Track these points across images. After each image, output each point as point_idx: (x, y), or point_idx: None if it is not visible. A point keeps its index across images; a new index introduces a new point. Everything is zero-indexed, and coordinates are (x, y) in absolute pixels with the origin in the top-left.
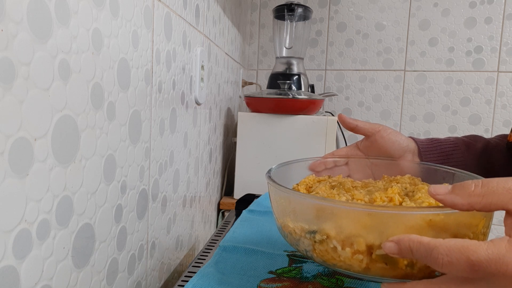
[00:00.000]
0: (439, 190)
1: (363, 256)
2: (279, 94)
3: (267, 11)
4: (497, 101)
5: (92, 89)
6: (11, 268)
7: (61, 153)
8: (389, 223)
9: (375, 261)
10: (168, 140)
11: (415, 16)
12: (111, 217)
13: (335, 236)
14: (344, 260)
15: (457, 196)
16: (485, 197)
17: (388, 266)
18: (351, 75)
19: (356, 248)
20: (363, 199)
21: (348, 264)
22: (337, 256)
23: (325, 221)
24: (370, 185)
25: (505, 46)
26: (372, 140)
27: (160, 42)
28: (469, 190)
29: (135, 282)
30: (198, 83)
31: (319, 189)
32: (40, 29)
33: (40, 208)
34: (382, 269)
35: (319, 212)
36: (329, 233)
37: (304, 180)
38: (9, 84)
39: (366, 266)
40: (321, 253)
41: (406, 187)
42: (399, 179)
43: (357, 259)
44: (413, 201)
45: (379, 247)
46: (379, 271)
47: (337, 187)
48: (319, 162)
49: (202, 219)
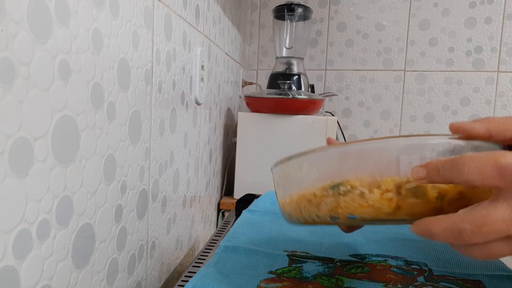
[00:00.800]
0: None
1: (392, 193)
2: (279, 94)
3: (267, 11)
4: (497, 101)
5: (92, 89)
6: (11, 268)
7: (61, 153)
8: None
9: (405, 197)
10: (168, 140)
11: (415, 16)
12: (111, 217)
13: (360, 183)
14: (373, 203)
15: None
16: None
17: (418, 199)
18: (351, 75)
19: (384, 188)
20: None
21: (377, 207)
22: (365, 202)
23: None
24: None
25: (505, 46)
26: None
27: (160, 42)
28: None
29: (135, 282)
30: (198, 83)
31: None
32: (40, 29)
33: (40, 208)
34: (412, 204)
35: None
36: (354, 183)
37: None
38: (9, 84)
39: (396, 204)
40: (346, 205)
41: None
42: None
43: (387, 198)
44: None
45: (407, 182)
46: (409, 208)
47: None
48: None
49: (202, 219)
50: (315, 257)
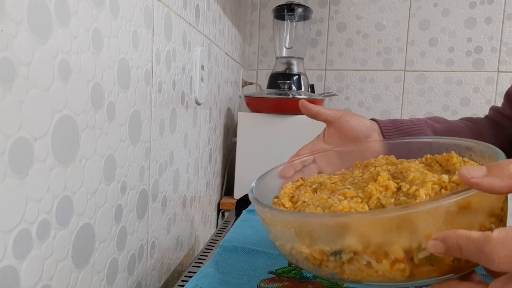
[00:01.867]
0: (474, 173)
1: (404, 264)
2: (279, 94)
3: (267, 11)
4: (497, 101)
5: (92, 89)
6: (11, 268)
7: (61, 153)
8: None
9: (419, 265)
10: (168, 140)
11: (415, 16)
12: (111, 217)
13: (364, 250)
14: (383, 273)
15: (496, 178)
16: None
17: (434, 266)
18: (351, 75)
19: (394, 257)
20: (357, 195)
21: (389, 278)
22: (373, 272)
23: (347, 235)
24: (347, 176)
25: (505, 46)
26: (336, 126)
27: (160, 42)
28: (508, 171)
29: (135, 282)
30: (198, 83)
31: (304, 197)
32: (40, 29)
33: (40, 208)
34: (428, 271)
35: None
36: (357, 249)
37: (284, 192)
38: (9, 84)
39: (410, 273)
40: (353, 273)
41: (388, 168)
42: (373, 162)
43: (399, 269)
44: (410, 183)
45: (419, 249)
46: (425, 275)
47: (319, 188)
48: (287, 167)
49: (202, 219)
50: None
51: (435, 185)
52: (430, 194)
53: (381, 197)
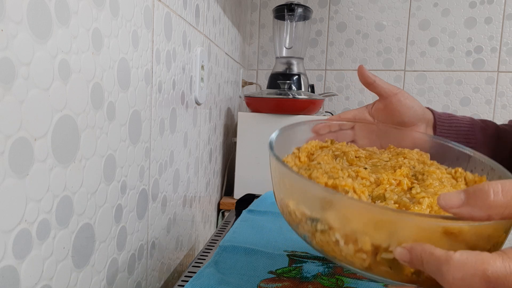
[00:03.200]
0: (452, 202)
1: (367, 256)
2: (279, 94)
3: (267, 11)
4: (497, 101)
5: (92, 89)
6: (11, 268)
7: (61, 153)
8: (402, 226)
9: (379, 263)
10: (168, 140)
11: (415, 16)
12: (111, 217)
13: (338, 228)
14: (345, 256)
15: (475, 208)
16: (509, 207)
17: (393, 270)
18: (351, 75)
19: (360, 246)
20: (368, 178)
21: (349, 261)
22: (338, 250)
23: (329, 210)
24: (374, 156)
25: (505, 46)
26: (387, 102)
27: (160, 42)
28: (488, 201)
29: (135, 282)
30: (198, 83)
31: (321, 158)
32: (40, 29)
33: (40, 208)
34: (385, 272)
35: (323, 201)
36: (333, 225)
37: (306, 146)
38: (9, 84)
39: (369, 266)
40: (321, 243)
41: (414, 165)
42: (406, 153)
43: (360, 258)
44: (423, 188)
45: (385, 250)
46: (382, 274)
47: (340, 157)
48: (324, 125)
49: (202, 219)
50: (315, 257)
51: None
52: (433, 207)
53: (388, 189)
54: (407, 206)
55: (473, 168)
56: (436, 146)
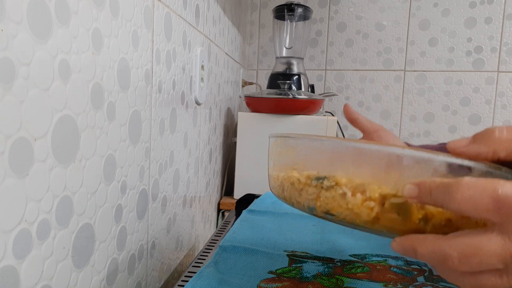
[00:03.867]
0: (459, 143)
1: (375, 203)
2: (279, 94)
3: (267, 11)
4: (497, 101)
5: (92, 89)
6: (11, 268)
7: (61, 153)
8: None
9: (387, 210)
10: (168, 140)
11: (415, 16)
12: (111, 217)
13: (345, 183)
14: (352, 207)
15: (481, 144)
16: None
17: (400, 217)
18: (351, 75)
19: (368, 195)
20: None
21: (355, 213)
22: (344, 204)
23: (338, 167)
24: None
25: (505, 46)
26: (369, 139)
27: (160, 42)
28: (493, 136)
29: (135, 282)
30: (198, 83)
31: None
32: (40, 29)
33: (40, 208)
34: (392, 220)
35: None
36: (340, 180)
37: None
38: (9, 84)
39: (376, 215)
40: (326, 201)
41: None
42: None
43: (367, 207)
44: None
45: (394, 196)
46: (389, 223)
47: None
48: None
49: (202, 219)
50: (315, 257)
51: None
52: None
53: None
54: None
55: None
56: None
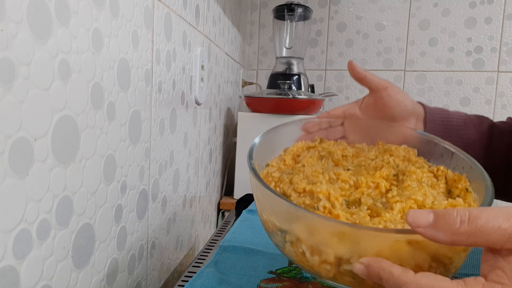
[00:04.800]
0: (419, 221)
1: (331, 267)
2: (279, 94)
3: (267, 11)
4: (497, 101)
5: (92, 89)
6: (11, 268)
7: (61, 153)
8: (360, 239)
9: (343, 274)
10: (168, 140)
11: (415, 16)
12: (111, 217)
13: (304, 240)
14: (312, 266)
15: (440, 232)
16: (471, 236)
17: (356, 281)
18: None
19: (324, 258)
20: (348, 181)
21: (315, 271)
22: (305, 261)
23: (295, 223)
24: (361, 154)
25: (505, 46)
26: (377, 96)
27: (160, 42)
28: (453, 228)
29: (135, 282)
30: (198, 83)
31: (306, 160)
32: (40, 29)
33: (40, 208)
34: (349, 282)
35: (290, 213)
36: (300, 236)
37: (292, 149)
38: (9, 84)
39: (333, 276)
40: (290, 253)
41: (398, 164)
42: (393, 150)
43: (324, 269)
44: (400, 191)
45: (347, 262)
46: (347, 283)
47: (325, 157)
48: (312, 123)
49: (202, 219)
50: None
51: (414, 204)
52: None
53: (365, 193)
54: (378, 212)
55: (456, 165)
56: (423, 141)
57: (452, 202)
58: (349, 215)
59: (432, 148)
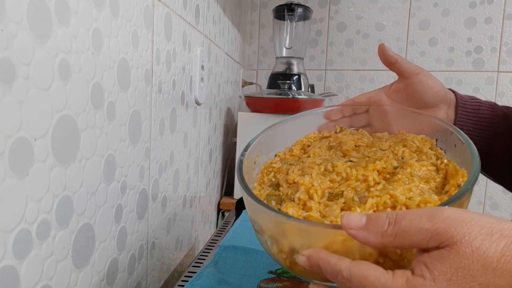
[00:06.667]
0: (351, 224)
1: (286, 256)
2: (279, 94)
3: (267, 11)
4: (497, 101)
5: (92, 89)
6: (11, 268)
7: (61, 153)
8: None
9: (295, 263)
10: (168, 140)
11: (415, 16)
12: (111, 217)
13: (265, 231)
14: (273, 254)
15: (370, 234)
16: (397, 237)
17: (306, 270)
18: (351, 75)
19: (279, 248)
20: (341, 173)
21: (276, 259)
22: (268, 249)
23: (259, 214)
24: (376, 144)
25: (505, 46)
26: (409, 82)
27: (160, 42)
28: (382, 230)
29: (135, 282)
30: (198, 83)
31: (313, 151)
32: (40, 29)
33: (40, 208)
34: (303, 271)
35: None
36: (262, 227)
37: (302, 139)
38: (9, 84)
39: (290, 265)
40: (260, 242)
41: (404, 156)
42: (410, 139)
43: (282, 257)
44: (388, 185)
45: (298, 252)
46: (301, 273)
47: (334, 148)
48: (335, 110)
49: (202, 219)
50: None
51: (389, 200)
52: (378, 207)
53: (352, 185)
54: (350, 207)
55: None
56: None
57: (426, 198)
58: (322, 208)
59: (447, 137)
